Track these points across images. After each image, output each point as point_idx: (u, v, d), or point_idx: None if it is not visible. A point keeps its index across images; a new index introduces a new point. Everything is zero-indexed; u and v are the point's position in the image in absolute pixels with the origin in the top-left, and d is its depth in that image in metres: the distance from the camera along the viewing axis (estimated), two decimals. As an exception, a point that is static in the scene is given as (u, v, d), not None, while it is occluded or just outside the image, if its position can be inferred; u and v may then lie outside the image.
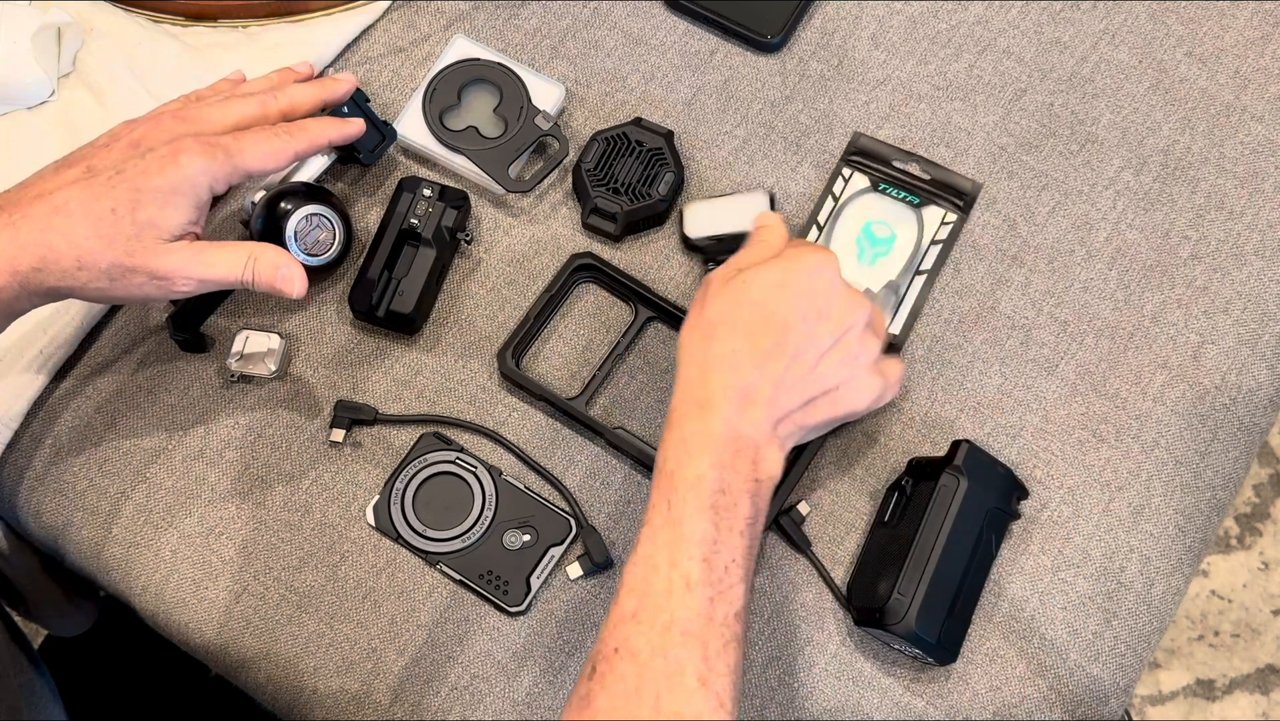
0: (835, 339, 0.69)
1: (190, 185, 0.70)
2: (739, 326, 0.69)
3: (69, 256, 0.67)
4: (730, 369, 0.68)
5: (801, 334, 0.68)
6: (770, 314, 0.69)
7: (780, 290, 0.69)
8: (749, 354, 0.68)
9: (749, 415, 0.67)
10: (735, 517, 0.65)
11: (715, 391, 0.67)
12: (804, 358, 0.69)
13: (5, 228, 0.67)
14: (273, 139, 0.74)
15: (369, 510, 0.79)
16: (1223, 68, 0.90)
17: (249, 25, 0.91)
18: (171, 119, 0.73)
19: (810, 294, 0.69)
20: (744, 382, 0.67)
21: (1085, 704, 0.75)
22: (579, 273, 0.84)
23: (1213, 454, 0.81)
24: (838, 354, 0.70)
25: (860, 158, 0.86)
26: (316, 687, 0.76)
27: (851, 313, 0.70)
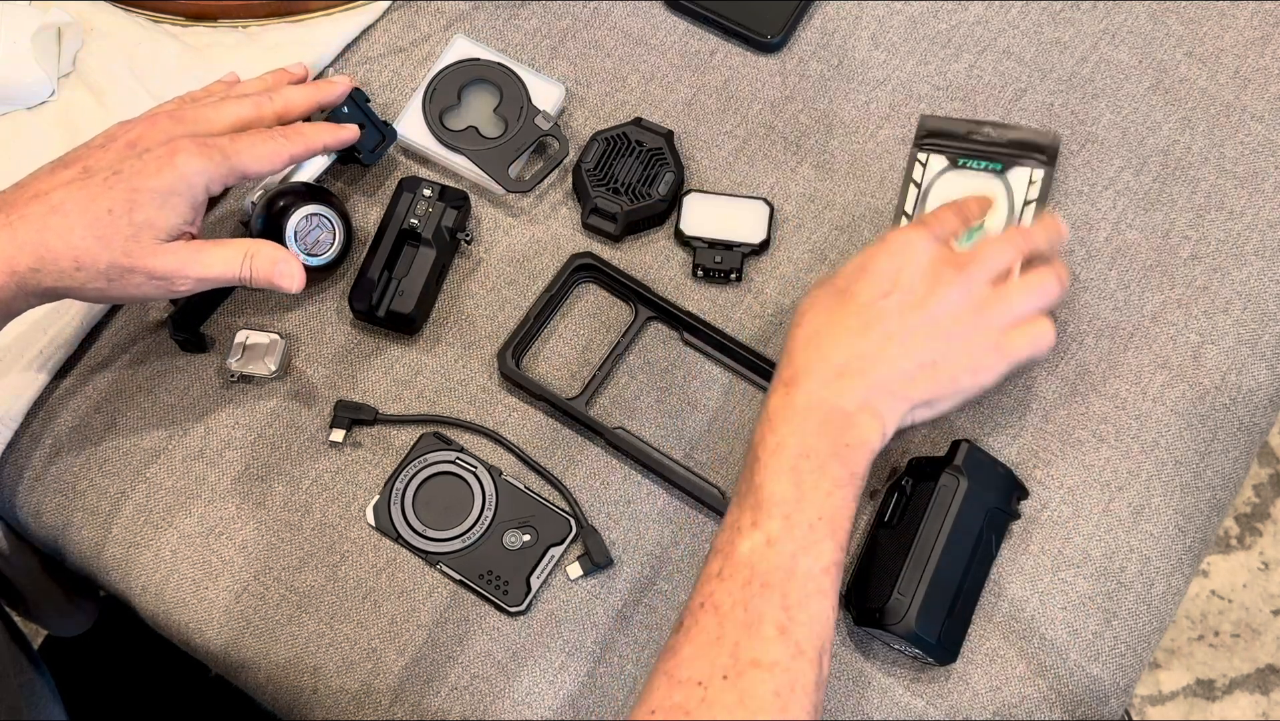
0: (921, 314, 0.70)
1: (187, 186, 0.70)
2: (823, 310, 0.71)
3: (66, 257, 0.68)
4: (814, 347, 0.70)
5: (881, 311, 0.70)
6: (852, 294, 0.71)
7: (860, 271, 0.72)
8: (833, 332, 0.70)
9: (837, 386, 0.69)
10: (822, 479, 0.67)
11: (800, 369, 0.70)
12: (893, 334, 0.70)
13: (3, 228, 0.67)
14: (269, 141, 0.74)
15: (369, 510, 0.79)
16: (1223, 68, 0.90)
17: (249, 25, 0.91)
18: (168, 120, 0.73)
19: (889, 271, 0.71)
20: (830, 359, 0.70)
21: (1085, 704, 0.75)
22: (579, 272, 0.84)
23: (1213, 454, 0.81)
24: (926, 329, 0.70)
25: (933, 139, 0.87)
26: (316, 687, 0.76)
27: (943, 287, 0.71)
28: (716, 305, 0.84)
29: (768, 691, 0.62)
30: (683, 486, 0.79)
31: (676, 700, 0.62)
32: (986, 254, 0.73)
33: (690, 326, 0.82)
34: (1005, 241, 0.74)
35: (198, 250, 0.71)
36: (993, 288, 0.72)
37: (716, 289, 0.84)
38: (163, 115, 0.73)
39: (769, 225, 0.84)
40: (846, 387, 0.69)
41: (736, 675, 0.62)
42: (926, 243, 0.72)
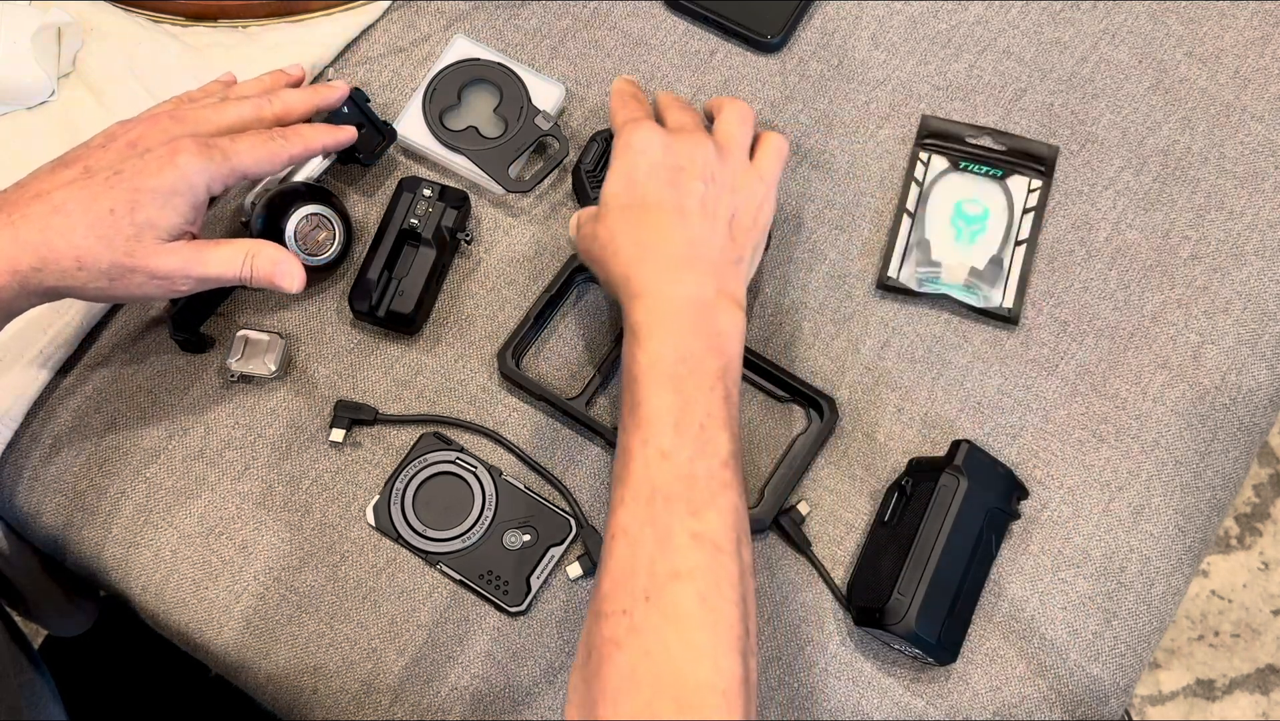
0: (704, 179, 0.73)
1: (188, 185, 0.70)
2: (629, 225, 0.73)
3: (68, 257, 0.68)
4: (647, 256, 0.71)
5: (679, 196, 0.72)
6: (642, 202, 0.72)
7: (631, 183, 0.73)
8: (654, 236, 0.72)
9: (689, 279, 0.70)
10: (702, 375, 0.68)
11: (645, 280, 0.71)
12: (693, 211, 0.72)
13: (4, 227, 0.67)
14: (268, 143, 0.74)
15: (369, 510, 0.79)
16: (1223, 68, 0.90)
17: (249, 25, 0.91)
18: (168, 120, 0.73)
19: (655, 165, 0.73)
20: (669, 256, 0.71)
21: (1085, 704, 0.75)
22: (579, 272, 0.84)
23: (1213, 454, 0.81)
24: (713, 189, 0.73)
25: (934, 139, 0.87)
26: (316, 687, 0.76)
27: (698, 150, 0.74)
28: (716, 305, 0.84)
29: (691, 598, 0.62)
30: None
31: (606, 634, 0.62)
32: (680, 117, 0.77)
33: (690, 326, 0.82)
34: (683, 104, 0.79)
35: (199, 250, 0.72)
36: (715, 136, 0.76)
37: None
38: (163, 115, 0.74)
39: (770, 229, 0.84)
40: (697, 277, 0.70)
41: (657, 592, 0.62)
42: (653, 128, 0.74)
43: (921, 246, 0.84)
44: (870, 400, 0.81)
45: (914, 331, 0.83)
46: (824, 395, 0.80)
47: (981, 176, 0.86)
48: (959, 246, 0.84)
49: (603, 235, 0.73)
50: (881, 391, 0.82)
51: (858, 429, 0.81)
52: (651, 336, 0.69)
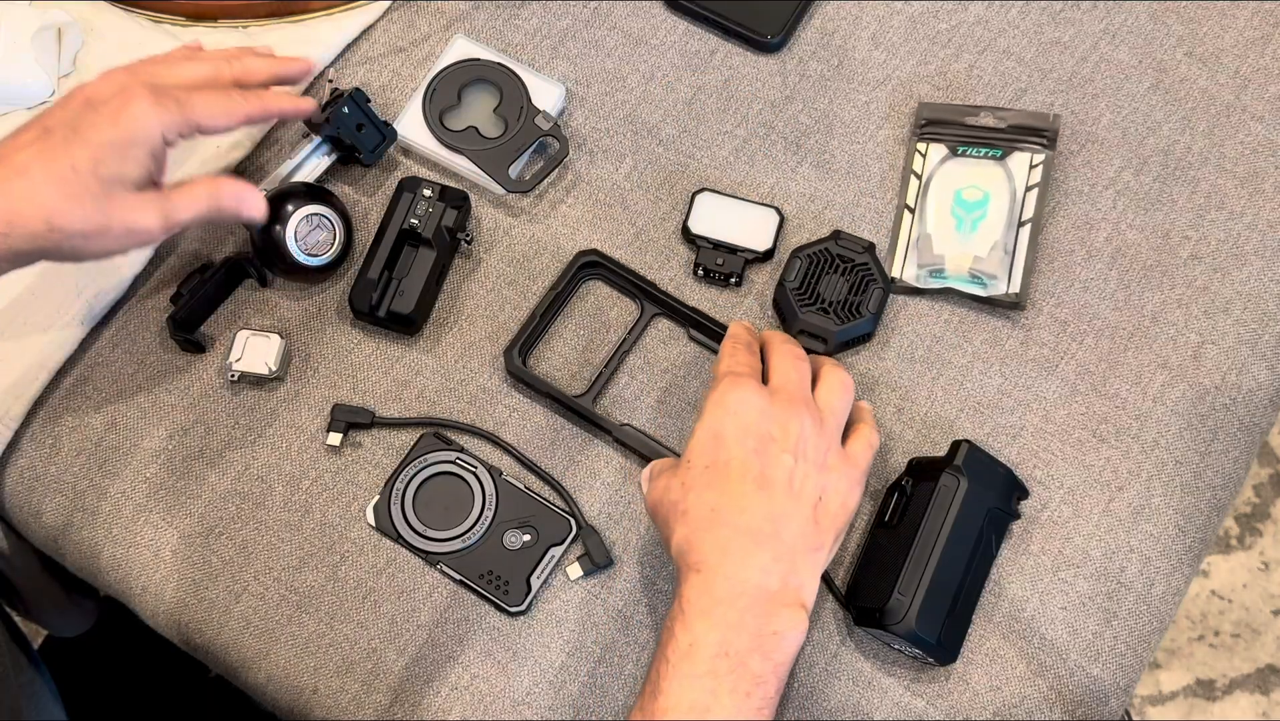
0: (794, 454, 0.68)
1: (144, 133, 0.69)
2: (705, 488, 0.67)
3: (37, 219, 0.67)
4: (714, 525, 0.66)
5: (763, 465, 0.67)
6: (726, 464, 0.68)
7: (718, 442, 0.68)
8: (727, 502, 0.67)
9: (757, 558, 0.65)
10: (741, 675, 0.63)
11: (708, 550, 0.66)
12: (779, 485, 0.67)
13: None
14: (224, 97, 0.73)
15: (369, 510, 0.79)
16: (1223, 68, 0.90)
17: (249, 25, 0.91)
18: (123, 73, 0.72)
19: (746, 428, 0.68)
20: (740, 527, 0.66)
21: (1085, 704, 0.75)
22: (585, 269, 0.84)
23: (1213, 454, 0.81)
24: (803, 466, 0.68)
25: (931, 128, 0.86)
26: (316, 687, 0.76)
27: (794, 421, 0.69)
28: (716, 306, 0.84)
29: None
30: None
31: None
32: (787, 373, 0.72)
33: (696, 323, 0.82)
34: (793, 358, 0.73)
35: (165, 198, 0.71)
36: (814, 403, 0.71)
37: (716, 290, 0.84)
38: (118, 70, 0.72)
39: (776, 234, 0.84)
40: (767, 559, 0.65)
41: None
42: (752, 388, 0.69)
43: (923, 242, 0.84)
44: (870, 400, 0.81)
45: (914, 331, 0.83)
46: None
47: (981, 159, 0.85)
48: (960, 236, 0.84)
49: (675, 491, 0.69)
50: (881, 391, 0.82)
51: (858, 429, 0.81)
52: (698, 617, 0.63)
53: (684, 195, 0.86)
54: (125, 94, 0.69)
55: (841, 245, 0.82)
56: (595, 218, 0.86)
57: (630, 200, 0.87)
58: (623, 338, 0.83)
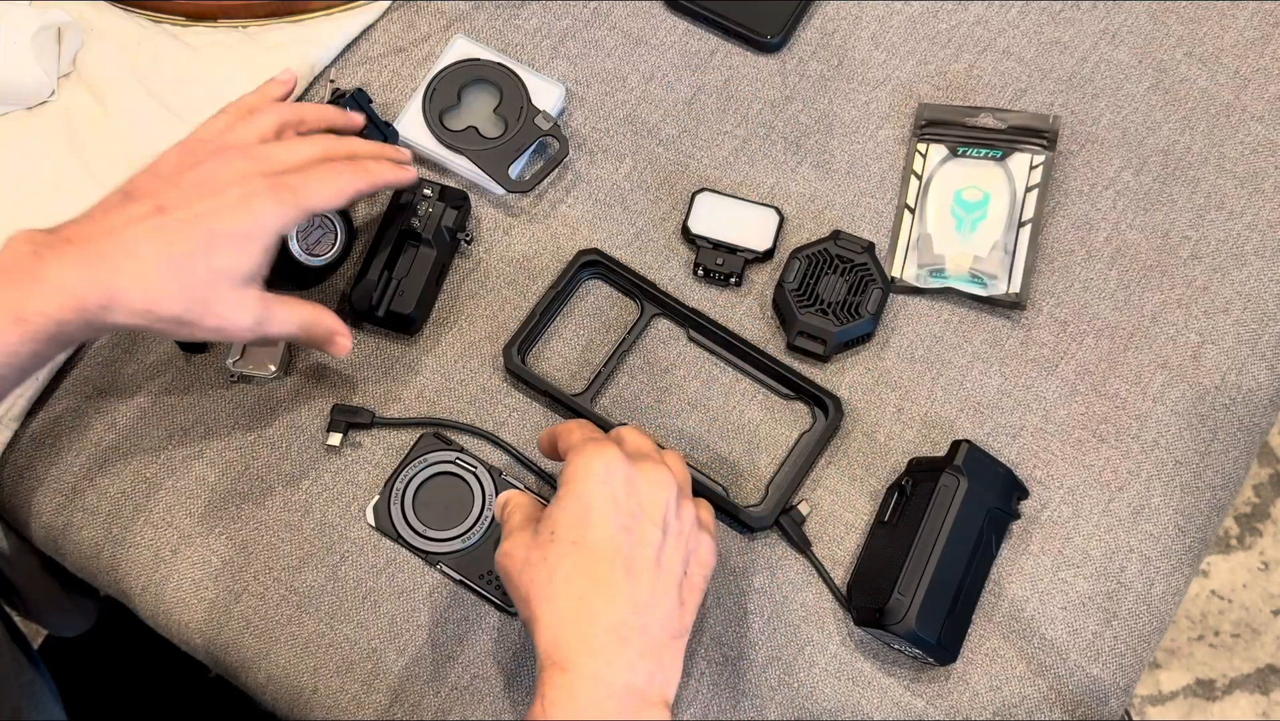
0: (662, 526, 0.65)
1: (263, 230, 0.69)
2: (573, 573, 0.63)
3: (140, 299, 0.66)
4: (580, 619, 0.62)
5: (631, 545, 0.64)
6: (594, 545, 0.64)
7: (585, 518, 0.64)
8: (593, 593, 0.63)
9: (620, 660, 0.62)
10: None
11: (572, 647, 0.62)
12: (645, 567, 0.64)
13: (78, 264, 0.65)
14: (337, 177, 0.72)
15: (369, 510, 0.79)
16: (1223, 68, 0.90)
17: (249, 25, 0.91)
18: (240, 157, 0.70)
19: (615, 501, 0.65)
20: (602, 628, 0.62)
21: (1085, 704, 0.75)
22: (585, 269, 0.84)
23: (1213, 454, 0.81)
24: (670, 539, 0.66)
25: (931, 128, 0.86)
26: (316, 687, 0.76)
27: (661, 485, 0.66)
28: (716, 305, 0.84)
29: None
30: (683, 486, 0.79)
31: None
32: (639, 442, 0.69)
33: (696, 324, 0.82)
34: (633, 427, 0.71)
35: (267, 306, 0.70)
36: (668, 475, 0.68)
37: (716, 290, 0.84)
38: (234, 151, 0.71)
39: (776, 234, 0.84)
40: (633, 657, 0.62)
41: None
42: (616, 453, 0.66)
43: (923, 242, 0.84)
44: (870, 400, 0.81)
45: (914, 331, 0.83)
46: (829, 394, 0.80)
47: (981, 160, 0.85)
48: (960, 236, 0.84)
49: (538, 567, 0.64)
50: (881, 391, 0.82)
51: (858, 429, 0.81)
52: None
53: (684, 195, 0.86)
54: (246, 186, 0.68)
55: (841, 245, 0.82)
56: (595, 218, 0.86)
57: (630, 200, 0.87)
58: (622, 337, 0.83)
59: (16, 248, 0.66)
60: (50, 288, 0.64)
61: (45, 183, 0.86)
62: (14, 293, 0.64)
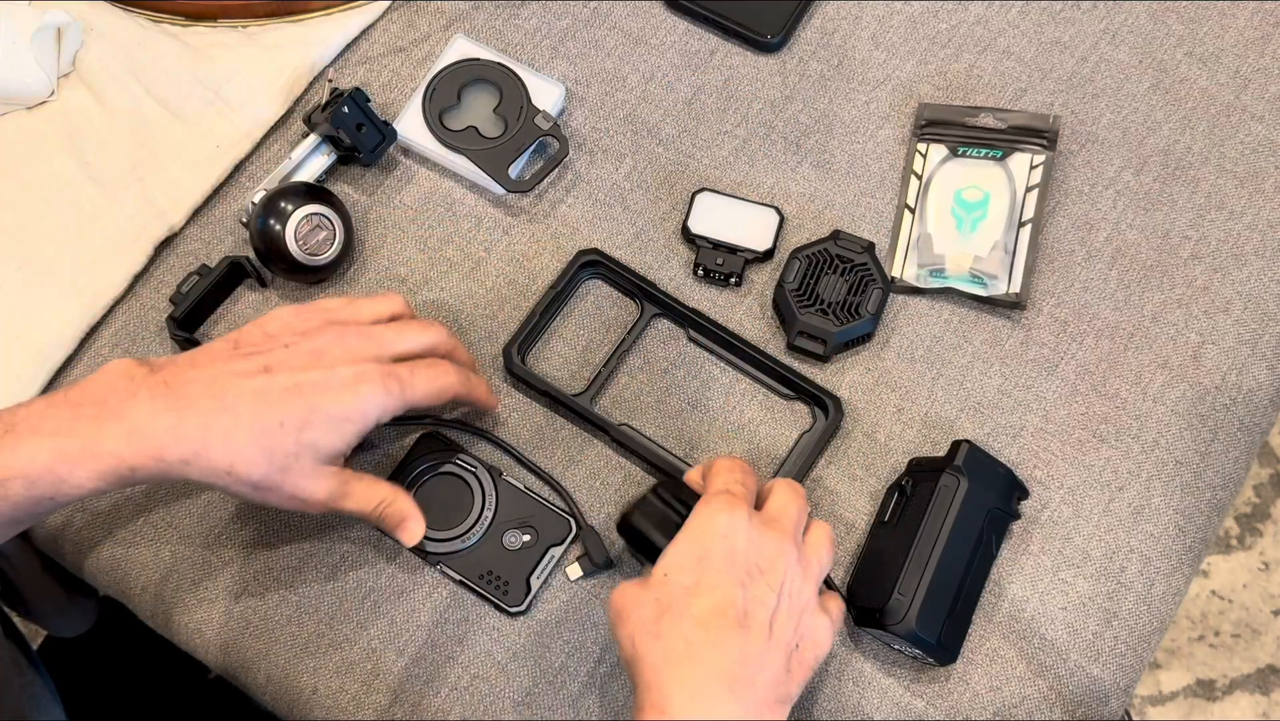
0: (778, 591, 0.65)
1: (363, 416, 0.67)
2: (683, 613, 0.62)
3: (223, 460, 0.64)
4: (685, 660, 0.61)
5: (747, 600, 0.63)
6: (709, 590, 0.63)
7: (701, 564, 0.64)
8: (701, 637, 0.62)
9: (722, 707, 0.61)
10: None
11: (672, 689, 0.61)
12: (759, 625, 0.63)
13: (168, 411, 0.64)
14: (439, 377, 0.72)
15: (369, 510, 0.79)
16: (1223, 68, 0.90)
17: (249, 25, 0.91)
18: (356, 335, 0.69)
19: (733, 555, 0.64)
20: (706, 671, 0.61)
21: (1085, 704, 0.75)
22: (585, 269, 0.84)
23: (1213, 454, 0.81)
24: (785, 606, 0.65)
25: (932, 128, 0.86)
26: (316, 687, 0.76)
27: (782, 554, 0.65)
28: (716, 305, 0.84)
29: None
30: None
31: None
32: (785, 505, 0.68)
33: (696, 324, 0.82)
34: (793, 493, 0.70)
35: (345, 483, 0.69)
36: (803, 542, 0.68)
37: (716, 290, 0.84)
38: (351, 328, 0.70)
39: (776, 234, 0.84)
40: (735, 706, 0.61)
41: None
42: (745, 513, 0.66)
43: (923, 241, 0.84)
44: (870, 400, 0.81)
45: (914, 331, 0.83)
46: (829, 393, 0.80)
47: (981, 160, 0.85)
48: (960, 236, 0.84)
49: (648, 607, 0.63)
50: (881, 391, 0.82)
51: (858, 429, 0.81)
52: None
53: (684, 195, 0.86)
54: (358, 368, 0.67)
55: (841, 245, 0.82)
56: (595, 218, 0.86)
57: (630, 200, 0.87)
58: (622, 337, 0.83)
59: (112, 379, 0.64)
60: (134, 430, 0.63)
61: (45, 183, 0.86)
62: (95, 427, 0.63)
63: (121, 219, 0.85)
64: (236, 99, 0.88)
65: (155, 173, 0.86)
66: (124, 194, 0.85)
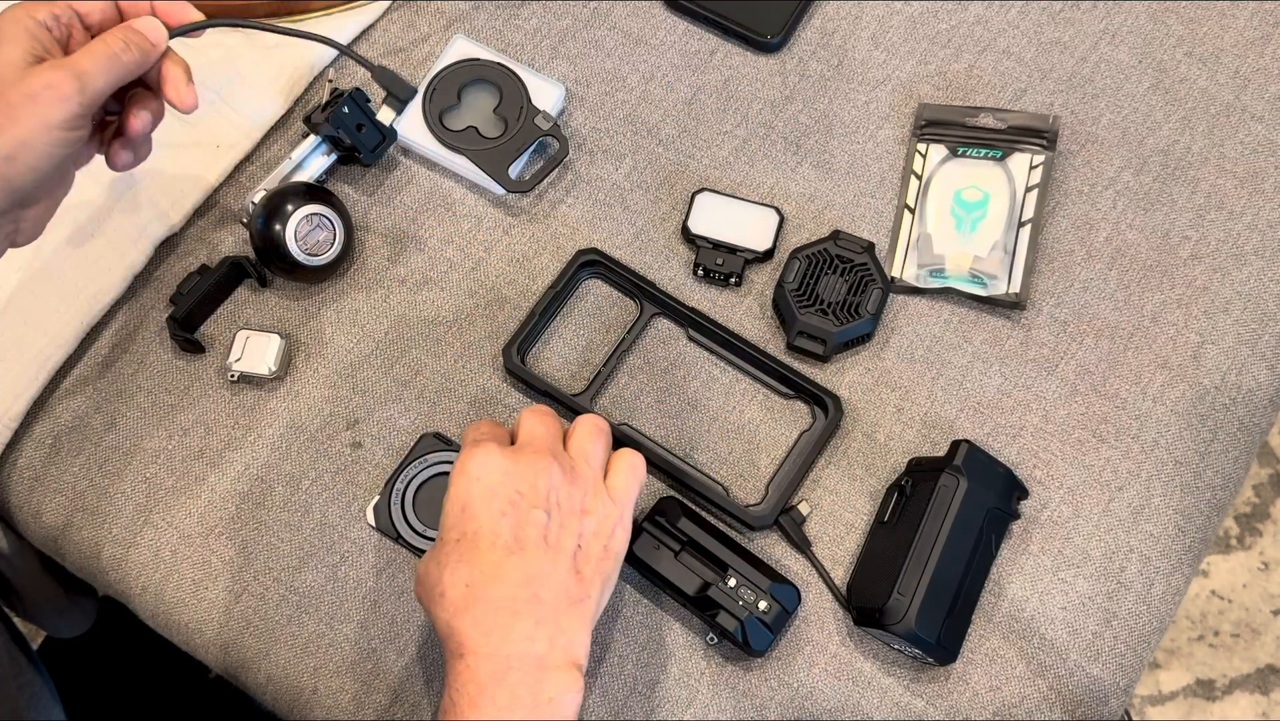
0: (546, 508, 0.65)
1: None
2: (459, 565, 0.64)
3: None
4: (471, 603, 0.63)
5: (515, 526, 0.65)
6: (475, 535, 0.64)
7: (464, 513, 0.65)
8: (480, 576, 0.63)
9: (516, 631, 0.62)
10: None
11: (467, 631, 0.62)
12: (532, 543, 0.64)
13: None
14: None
15: (369, 510, 0.79)
16: (1223, 68, 0.90)
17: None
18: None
19: (492, 492, 0.65)
20: (496, 600, 0.63)
21: (1085, 704, 0.75)
22: (585, 268, 0.84)
23: (1213, 454, 0.81)
24: (558, 516, 0.66)
25: (931, 128, 0.87)
26: (316, 687, 0.76)
27: (542, 476, 0.66)
28: (716, 305, 0.84)
29: None
30: (686, 483, 0.79)
31: None
32: (533, 429, 0.69)
33: (695, 323, 0.82)
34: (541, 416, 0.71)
35: None
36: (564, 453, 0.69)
37: (716, 290, 0.84)
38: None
39: (776, 234, 0.84)
40: (529, 626, 0.63)
41: None
42: (491, 450, 0.66)
43: (923, 241, 0.84)
44: (870, 400, 0.81)
45: (914, 331, 0.83)
46: (829, 392, 0.80)
47: (981, 160, 0.85)
48: (960, 236, 0.84)
49: (433, 572, 0.65)
50: (881, 391, 0.82)
51: (858, 429, 0.81)
52: (469, 709, 0.61)
53: (684, 195, 0.86)
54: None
55: (841, 245, 0.82)
56: (595, 218, 0.86)
57: (630, 200, 0.87)
58: (622, 337, 0.83)
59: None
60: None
61: (45, 183, 0.86)
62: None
63: (121, 219, 0.85)
64: (236, 99, 0.88)
65: (155, 173, 0.86)
66: (124, 193, 0.85)
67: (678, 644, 0.76)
